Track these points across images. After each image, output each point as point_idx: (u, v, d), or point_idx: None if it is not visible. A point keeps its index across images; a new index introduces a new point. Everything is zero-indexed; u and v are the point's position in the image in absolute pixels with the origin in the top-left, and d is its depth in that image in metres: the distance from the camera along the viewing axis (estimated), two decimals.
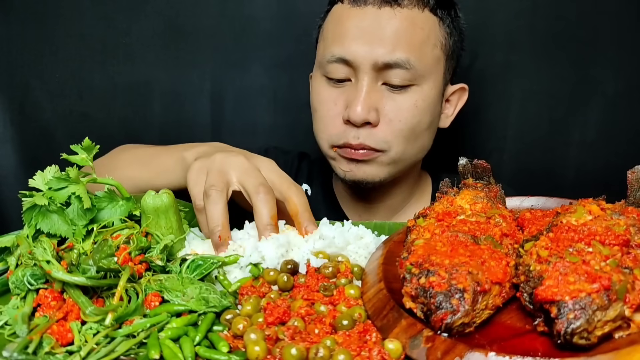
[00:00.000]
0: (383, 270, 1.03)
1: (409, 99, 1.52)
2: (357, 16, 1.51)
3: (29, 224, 1.10)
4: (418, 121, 1.54)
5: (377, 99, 1.51)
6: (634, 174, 1.13)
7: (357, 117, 1.48)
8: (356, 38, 1.49)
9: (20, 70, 2.02)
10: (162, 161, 1.45)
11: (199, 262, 1.06)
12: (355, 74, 1.52)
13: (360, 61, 1.49)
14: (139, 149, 1.61)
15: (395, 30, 1.48)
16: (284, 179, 1.22)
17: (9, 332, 0.91)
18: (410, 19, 1.50)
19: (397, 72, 1.49)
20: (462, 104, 1.72)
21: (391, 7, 1.49)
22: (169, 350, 0.86)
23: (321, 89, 1.59)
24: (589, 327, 0.77)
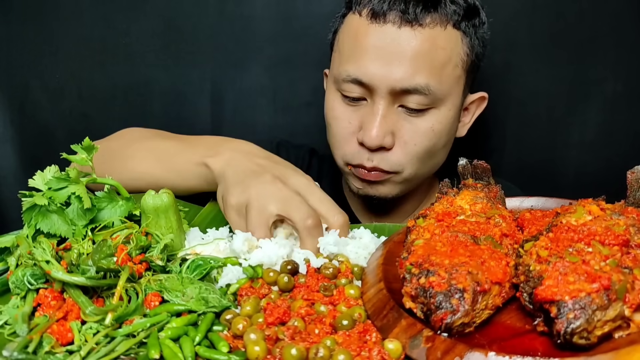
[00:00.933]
0: (383, 270, 1.03)
1: (426, 122, 1.46)
2: (376, 34, 1.42)
3: (28, 224, 1.10)
4: (434, 144, 1.50)
5: (392, 122, 1.45)
6: (634, 174, 1.13)
7: (372, 142, 1.43)
8: (373, 59, 1.41)
9: (20, 70, 2.02)
10: (182, 163, 1.39)
11: (198, 262, 1.07)
12: (370, 95, 1.45)
13: (377, 84, 1.42)
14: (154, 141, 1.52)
15: (415, 53, 1.40)
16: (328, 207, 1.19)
17: (9, 332, 0.91)
18: (432, 40, 1.41)
19: (415, 98, 1.42)
20: (480, 111, 1.66)
21: (412, 27, 1.39)
22: (169, 350, 0.86)
23: (335, 104, 1.53)
24: (588, 326, 0.77)
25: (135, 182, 1.39)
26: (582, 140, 1.95)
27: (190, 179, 1.37)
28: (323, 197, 1.19)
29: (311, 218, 1.13)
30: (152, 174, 1.43)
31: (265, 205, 1.14)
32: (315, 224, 1.13)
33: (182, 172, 1.38)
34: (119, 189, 1.19)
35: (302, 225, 1.12)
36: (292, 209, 1.14)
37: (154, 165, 1.44)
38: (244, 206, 1.17)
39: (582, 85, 1.90)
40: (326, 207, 1.18)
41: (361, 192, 1.58)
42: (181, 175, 1.38)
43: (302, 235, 1.13)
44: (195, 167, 1.34)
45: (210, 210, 1.38)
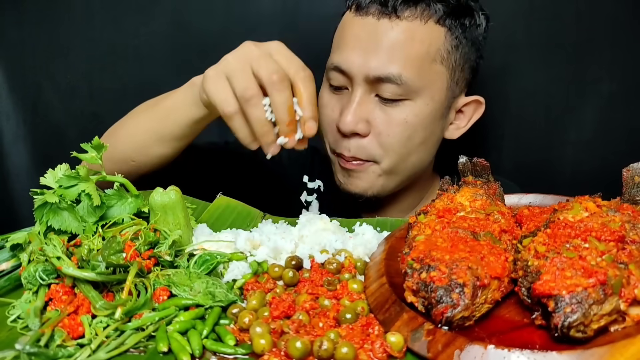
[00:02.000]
0: (385, 265, 1.04)
1: (400, 113, 1.47)
2: (358, 25, 1.47)
3: (40, 221, 1.12)
4: (408, 136, 1.50)
5: (368, 111, 1.48)
6: (629, 171, 1.13)
7: (345, 127, 1.46)
8: (354, 48, 1.46)
9: (33, 71, 2.04)
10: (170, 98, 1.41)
11: (205, 257, 1.08)
12: (350, 83, 1.49)
13: (354, 72, 1.46)
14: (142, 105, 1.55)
15: (392, 43, 1.43)
16: (294, 62, 1.18)
17: (21, 326, 0.93)
18: (409, 32, 1.43)
19: (388, 87, 1.44)
20: (478, 116, 1.64)
21: (389, 19, 1.43)
22: (177, 343, 0.87)
23: (324, 92, 1.58)
24: (585, 320, 0.78)
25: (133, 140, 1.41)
26: (579, 138, 1.94)
27: (179, 109, 1.37)
28: (292, 58, 1.19)
29: (276, 73, 1.13)
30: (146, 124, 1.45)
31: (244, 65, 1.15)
32: (280, 78, 1.13)
33: (171, 108, 1.39)
34: (127, 186, 1.20)
35: (268, 80, 1.13)
36: (261, 66, 1.14)
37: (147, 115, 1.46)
38: (223, 74, 1.17)
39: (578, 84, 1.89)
40: (294, 64, 1.18)
41: (342, 187, 1.59)
42: (171, 112, 1.39)
43: (269, 90, 1.14)
44: (182, 94, 1.36)
45: (218, 206, 1.39)
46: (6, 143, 2.09)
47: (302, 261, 1.09)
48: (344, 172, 1.56)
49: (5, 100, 2.06)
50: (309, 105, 1.16)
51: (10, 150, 2.09)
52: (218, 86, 1.17)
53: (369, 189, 1.57)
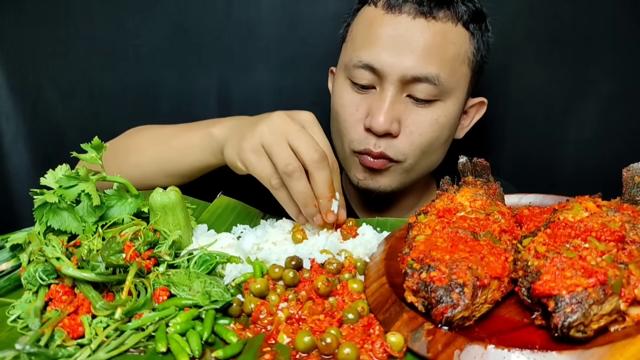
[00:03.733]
0: (385, 265, 1.05)
1: (432, 113, 1.49)
2: (390, 24, 1.45)
3: (40, 221, 1.12)
4: (437, 136, 1.52)
5: (400, 111, 1.47)
6: (629, 172, 1.13)
7: (379, 127, 1.45)
8: (387, 47, 1.44)
9: (33, 71, 2.04)
10: (185, 139, 1.42)
11: (205, 257, 1.08)
12: (380, 82, 1.47)
13: (388, 71, 1.44)
14: (158, 129, 1.56)
15: (428, 43, 1.43)
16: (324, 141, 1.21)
17: (21, 326, 0.93)
18: (444, 33, 1.45)
19: (424, 87, 1.45)
20: (479, 116, 1.69)
21: (426, 19, 1.43)
22: (176, 344, 0.87)
23: (344, 92, 1.55)
24: (585, 320, 0.78)
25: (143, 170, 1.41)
26: (579, 138, 1.95)
27: (195, 153, 1.38)
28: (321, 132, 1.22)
29: (317, 152, 1.15)
30: (156, 159, 1.45)
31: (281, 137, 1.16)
32: (321, 157, 1.15)
33: (187, 148, 1.40)
34: (127, 186, 1.20)
35: (309, 158, 1.14)
36: (300, 142, 1.15)
37: (157, 150, 1.46)
38: (261, 146, 1.17)
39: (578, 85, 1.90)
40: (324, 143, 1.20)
41: (361, 183, 1.58)
42: (186, 152, 1.40)
43: (311, 169, 1.15)
44: (200, 139, 1.36)
45: (218, 206, 1.39)
46: (6, 143, 2.09)
47: (302, 261, 1.09)
48: (367, 170, 1.55)
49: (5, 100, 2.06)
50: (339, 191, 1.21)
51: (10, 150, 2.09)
52: (259, 160, 1.18)
53: (389, 185, 1.57)
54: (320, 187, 1.16)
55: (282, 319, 0.93)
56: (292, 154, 1.15)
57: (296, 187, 1.15)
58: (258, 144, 1.17)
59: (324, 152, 1.16)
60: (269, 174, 1.17)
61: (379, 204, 1.71)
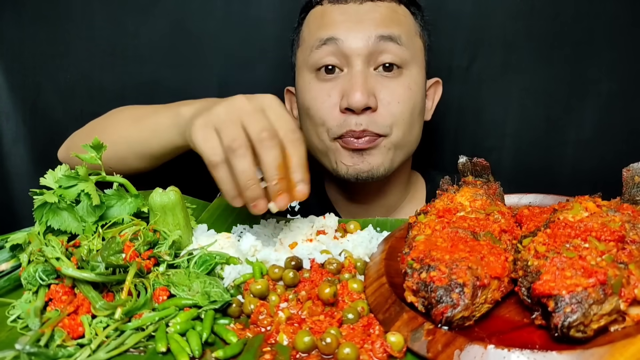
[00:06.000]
0: (385, 265, 1.05)
1: (402, 82, 1.52)
2: (340, 12, 1.52)
3: (40, 221, 1.12)
4: (414, 104, 1.54)
5: (372, 85, 1.49)
6: (629, 171, 1.13)
7: (358, 102, 1.44)
8: (344, 28, 1.50)
9: (32, 71, 2.04)
10: (156, 119, 1.39)
11: (205, 257, 1.08)
12: (347, 62, 1.50)
13: (351, 44, 1.48)
14: (133, 110, 1.56)
15: (382, 16, 1.51)
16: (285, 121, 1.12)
17: (21, 326, 0.94)
18: (392, 9, 1.53)
19: (391, 48, 1.49)
20: (439, 97, 1.74)
21: (372, 1, 1.52)
22: (176, 344, 0.87)
23: (311, 86, 1.55)
24: (585, 320, 0.78)
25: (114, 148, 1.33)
26: (579, 138, 1.95)
27: (164, 133, 1.35)
28: (282, 113, 1.14)
29: (266, 131, 1.08)
30: (127, 137, 1.44)
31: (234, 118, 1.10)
32: (269, 136, 1.08)
33: (156, 128, 1.38)
34: (127, 186, 1.21)
35: (256, 137, 1.08)
36: (251, 122, 1.09)
37: (129, 128, 1.45)
38: (212, 124, 1.11)
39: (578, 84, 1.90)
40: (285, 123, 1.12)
41: (351, 170, 1.54)
42: (155, 132, 1.38)
43: (257, 147, 1.08)
44: (170, 119, 1.33)
45: (218, 206, 1.39)
46: (6, 143, 2.09)
47: (302, 261, 1.09)
48: (353, 153, 1.53)
49: (5, 100, 2.06)
50: (299, 167, 1.11)
51: (10, 150, 2.10)
52: (206, 136, 1.11)
53: (380, 165, 1.54)
54: (268, 169, 1.08)
55: (283, 319, 0.93)
56: (241, 132, 1.09)
57: (239, 164, 1.07)
58: (209, 121, 1.12)
59: (274, 132, 1.09)
60: (211, 148, 1.09)
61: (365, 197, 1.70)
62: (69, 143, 1.64)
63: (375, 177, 1.55)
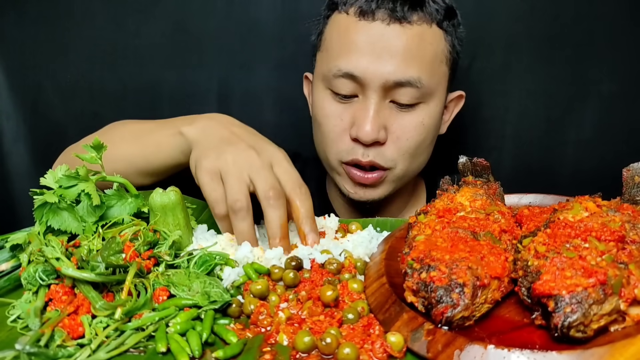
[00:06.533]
0: (385, 265, 1.05)
1: (416, 117, 1.48)
2: (365, 31, 1.43)
3: (40, 221, 1.12)
4: (424, 138, 1.52)
5: (385, 117, 1.46)
6: (629, 171, 1.14)
7: (367, 136, 1.43)
8: (365, 54, 1.42)
9: (33, 71, 2.04)
10: (157, 137, 1.38)
11: (205, 257, 1.08)
12: (362, 90, 1.46)
13: (369, 78, 1.42)
14: (133, 125, 1.54)
15: (406, 48, 1.42)
16: (291, 178, 1.17)
17: (21, 326, 0.93)
18: (420, 36, 1.43)
19: (407, 91, 1.44)
20: (458, 110, 1.69)
21: (401, 24, 1.42)
22: (176, 344, 0.87)
23: (325, 103, 1.53)
24: (585, 320, 0.78)
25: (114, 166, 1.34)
26: (579, 138, 1.95)
27: (166, 151, 1.35)
28: (291, 172, 1.18)
29: (273, 189, 1.12)
30: (128, 155, 1.41)
31: (242, 172, 1.14)
32: (276, 195, 1.12)
33: (158, 146, 1.37)
34: (127, 186, 1.21)
35: (263, 195, 1.12)
36: (258, 179, 1.13)
37: (130, 146, 1.43)
38: (218, 171, 1.15)
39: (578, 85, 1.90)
40: (292, 180, 1.17)
41: (352, 196, 1.57)
42: (157, 150, 1.37)
43: (263, 205, 1.13)
44: (171, 137, 1.33)
45: None
46: (6, 143, 2.09)
47: (302, 262, 1.09)
48: (358, 185, 1.54)
49: (5, 100, 2.06)
50: (308, 219, 1.16)
51: (10, 150, 2.10)
52: (212, 184, 1.15)
53: (382, 195, 1.57)
54: (272, 227, 1.13)
55: (283, 319, 0.93)
56: (245, 191, 1.13)
57: (239, 225, 1.13)
58: (216, 169, 1.16)
59: (280, 191, 1.14)
60: (216, 199, 1.15)
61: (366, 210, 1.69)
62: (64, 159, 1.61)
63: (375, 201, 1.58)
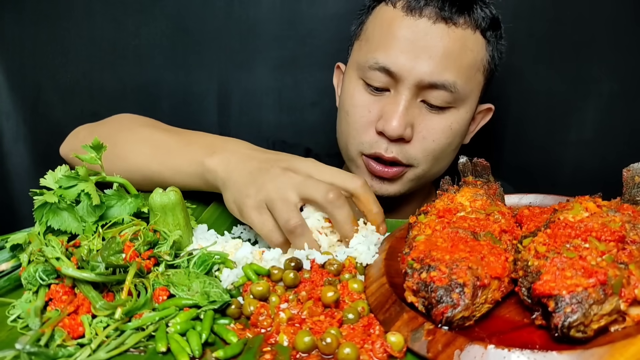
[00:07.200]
0: (385, 265, 1.04)
1: (445, 120, 1.48)
2: (409, 27, 1.42)
3: (40, 221, 1.12)
4: (449, 143, 1.51)
5: (413, 116, 1.45)
6: (629, 172, 1.13)
7: (393, 131, 1.42)
8: (405, 51, 1.42)
9: (33, 70, 2.04)
10: (179, 161, 1.35)
11: (205, 257, 1.08)
12: (395, 85, 1.45)
13: (405, 75, 1.42)
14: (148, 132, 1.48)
15: (447, 50, 1.41)
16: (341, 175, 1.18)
17: (21, 325, 0.93)
18: (463, 40, 1.43)
19: (440, 94, 1.43)
20: (485, 122, 1.68)
21: (446, 24, 1.41)
22: (176, 344, 0.87)
23: (356, 92, 1.52)
24: (585, 320, 0.78)
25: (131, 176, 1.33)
26: (579, 138, 1.95)
27: (187, 177, 1.33)
28: (333, 171, 1.19)
29: (331, 192, 1.12)
30: (147, 168, 1.39)
31: (286, 194, 1.13)
32: (336, 195, 1.12)
33: (179, 169, 1.35)
34: (127, 186, 1.21)
35: (324, 200, 1.12)
36: (311, 190, 1.12)
37: (150, 160, 1.40)
38: (264, 203, 1.15)
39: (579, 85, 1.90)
40: (341, 177, 1.17)
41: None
42: (178, 173, 1.35)
43: (329, 210, 1.12)
44: (193, 167, 1.31)
45: (215, 209, 1.39)
46: (6, 143, 2.09)
47: (302, 262, 1.09)
48: (374, 177, 1.54)
49: (5, 100, 2.06)
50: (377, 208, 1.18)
51: (10, 150, 2.10)
52: (262, 219, 1.15)
53: (398, 192, 1.56)
54: (344, 227, 1.13)
55: (284, 319, 0.93)
56: (294, 209, 1.12)
57: (298, 243, 1.12)
58: (261, 202, 1.15)
59: (337, 191, 1.13)
60: (269, 230, 1.14)
61: None
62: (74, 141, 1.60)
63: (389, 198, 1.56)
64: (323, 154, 1.80)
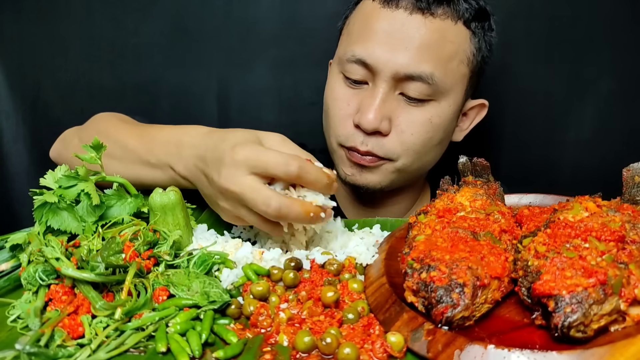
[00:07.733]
0: (385, 265, 1.05)
1: (425, 113, 1.46)
2: (386, 19, 1.42)
3: (39, 221, 1.12)
4: (431, 137, 1.49)
5: (391, 109, 1.44)
6: (629, 171, 1.13)
7: (368, 124, 1.42)
8: (381, 43, 1.41)
9: (32, 70, 2.04)
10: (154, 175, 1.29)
11: (204, 257, 1.08)
12: (373, 78, 1.44)
13: (381, 67, 1.41)
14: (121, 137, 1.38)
15: (424, 41, 1.40)
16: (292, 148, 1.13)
17: (21, 326, 0.94)
18: (441, 31, 1.41)
19: (418, 86, 1.41)
20: (480, 119, 1.66)
21: (423, 15, 1.40)
22: (176, 344, 0.87)
23: (336, 86, 1.52)
24: (585, 320, 0.78)
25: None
26: (579, 138, 1.95)
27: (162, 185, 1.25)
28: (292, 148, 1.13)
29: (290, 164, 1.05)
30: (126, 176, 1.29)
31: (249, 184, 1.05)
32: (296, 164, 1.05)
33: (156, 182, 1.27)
34: (127, 186, 1.21)
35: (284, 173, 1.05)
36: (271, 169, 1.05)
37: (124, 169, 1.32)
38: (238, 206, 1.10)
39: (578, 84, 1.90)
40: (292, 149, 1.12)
41: (349, 179, 1.55)
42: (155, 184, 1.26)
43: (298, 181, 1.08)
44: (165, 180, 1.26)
45: None
46: (6, 142, 2.09)
47: (301, 262, 1.09)
48: (355, 166, 1.53)
49: (5, 99, 2.06)
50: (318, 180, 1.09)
51: (10, 149, 2.10)
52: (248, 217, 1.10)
53: (378, 183, 1.54)
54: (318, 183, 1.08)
55: (284, 319, 0.93)
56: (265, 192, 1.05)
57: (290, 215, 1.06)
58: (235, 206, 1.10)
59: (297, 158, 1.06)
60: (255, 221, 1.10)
61: (369, 204, 1.69)
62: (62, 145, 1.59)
63: (371, 191, 1.56)
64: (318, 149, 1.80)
